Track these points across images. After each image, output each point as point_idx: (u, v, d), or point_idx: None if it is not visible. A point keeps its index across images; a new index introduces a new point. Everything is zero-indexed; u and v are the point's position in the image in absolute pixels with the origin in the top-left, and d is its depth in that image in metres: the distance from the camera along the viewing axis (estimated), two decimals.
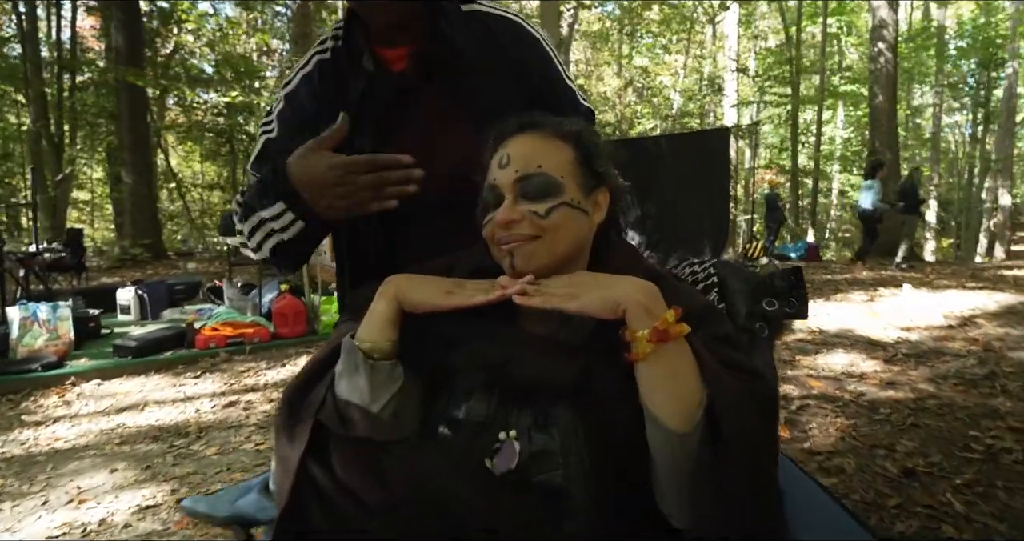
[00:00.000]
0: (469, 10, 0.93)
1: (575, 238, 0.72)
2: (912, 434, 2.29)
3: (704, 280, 0.81)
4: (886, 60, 11.25)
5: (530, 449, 0.64)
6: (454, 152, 0.85)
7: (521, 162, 0.70)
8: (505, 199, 0.70)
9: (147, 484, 2.12)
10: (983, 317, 4.31)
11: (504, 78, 0.91)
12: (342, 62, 0.93)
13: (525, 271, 0.69)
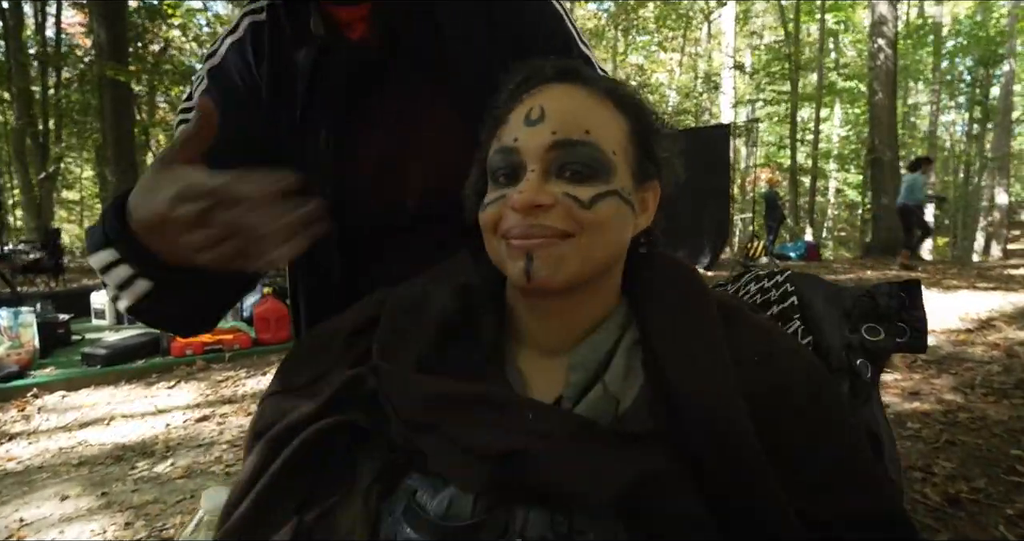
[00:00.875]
0: None
1: (617, 245, 0.51)
2: (948, 453, 2.08)
3: (780, 301, 0.59)
4: (886, 57, 11.10)
5: None
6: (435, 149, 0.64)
7: (561, 120, 0.48)
8: (529, 171, 0.48)
9: (99, 515, 1.89)
10: (1001, 320, 4.12)
11: (501, 51, 0.67)
12: (282, 26, 0.70)
13: (548, 285, 0.46)
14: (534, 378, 0.52)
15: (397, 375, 0.50)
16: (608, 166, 0.48)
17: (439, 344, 0.52)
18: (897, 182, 9.74)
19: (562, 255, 0.46)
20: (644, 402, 0.47)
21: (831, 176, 20.14)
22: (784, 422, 0.44)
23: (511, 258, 0.48)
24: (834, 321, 0.56)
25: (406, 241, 0.70)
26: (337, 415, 0.49)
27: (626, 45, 20.36)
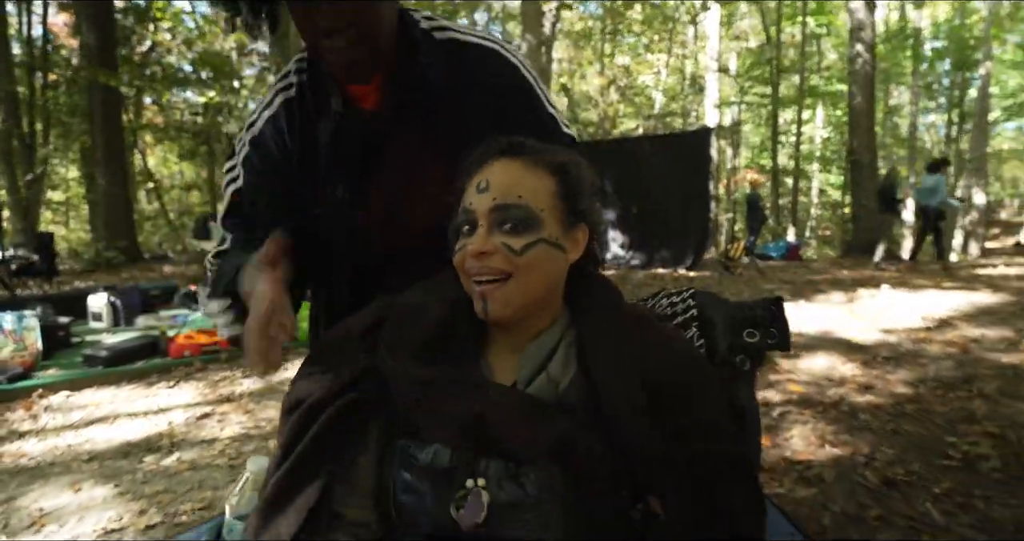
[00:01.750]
0: (443, 38, 0.87)
1: (550, 278, 0.68)
2: (892, 441, 2.29)
3: (683, 312, 0.78)
4: (864, 61, 11.40)
5: (499, 500, 0.60)
6: (432, 196, 0.80)
7: (500, 189, 0.66)
8: (479, 227, 0.66)
9: (114, 504, 2.04)
10: (960, 318, 4.36)
11: (482, 111, 0.85)
12: (308, 101, 0.87)
13: (499, 318, 0.65)
14: (499, 367, 0.70)
15: (399, 366, 0.68)
16: (537, 221, 0.66)
17: (432, 342, 0.70)
18: (875, 183, 10.04)
19: (507, 296, 0.65)
20: (576, 383, 0.65)
21: (814, 177, 20.50)
22: (672, 394, 0.63)
23: (475, 298, 0.67)
24: (723, 328, 0.74)
25: (403, 269, 0.87)
26: (353, 394, 0.67)
27: (613, 47, 20.58)
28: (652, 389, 0.62)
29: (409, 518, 0.64)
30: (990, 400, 2.68)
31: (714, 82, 14.37)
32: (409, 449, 0.65)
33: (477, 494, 0.61)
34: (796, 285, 6.51)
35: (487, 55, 0.87)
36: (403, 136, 0.86)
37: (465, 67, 0.86)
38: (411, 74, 0.83)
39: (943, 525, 1.69)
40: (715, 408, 0.65)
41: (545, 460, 0.59)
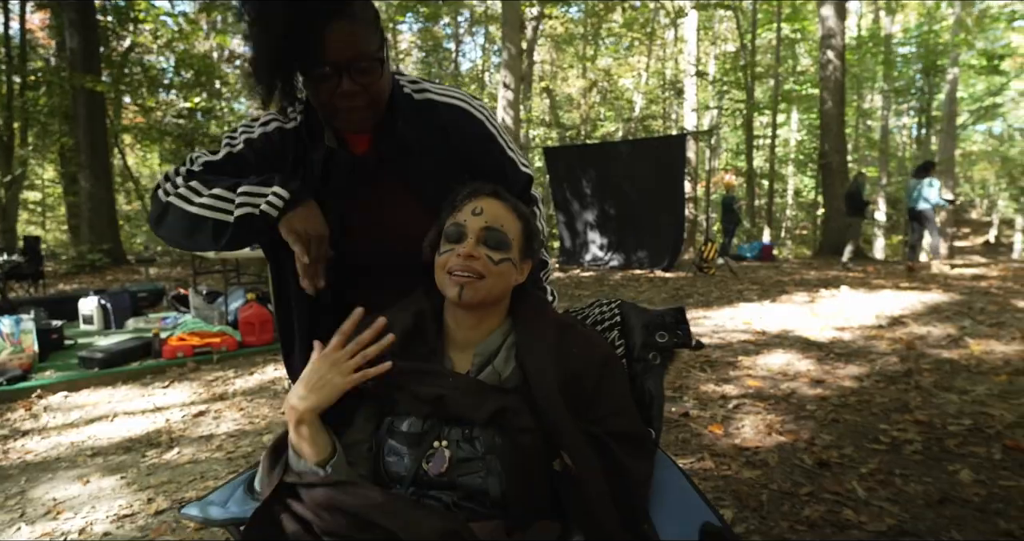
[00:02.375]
0: (422, 98, 1.07)
1: (506, 287, 0.92)
2: (831, 429, 2.55)
3: (609, 319, 1.00)
4: (835, 68, 11.79)
5: (457, 456, 0.81)
6: (401, 227, 1.02)
7: (491, 217, 0.91)
8: (468, 238, 0.89)
9: (122, 494, 2.21)
10: (910, 317, 4.67)
11: (450, 159, 1.06)
12: (303, 136, 1.06)
13: (470, 302, 0.88)
14: (457, 361, 0.92)
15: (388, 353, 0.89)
16: (509, 245, 0.90)
17: (406, 344, 0.92)
18: (845, 186, 10.41)
19: (477, 289, 0.87)
20: (515, 374, 0.87)
21: (789, 178, 20.98)
22: (589, 382, 0.85)
23: (451, 286, 0.88)
24: (639, 331, 0.96)
25: (377, 282, 1.08)
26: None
27: (594, 50, 20.88)
28: (572, 378, 0.84)
29: (393, 476, 0.85)
30: (925, 392, 2.96)
31: (692, 86, 14.72)
32: (393, 423, 0.87)
33: (441, 452, 0.82)
34: (764, 286, 6.81)
35: (456, 112, 1.08)
36: (383, 176, 1.07)
37: (439, 125, 1.06)
38: (394, 130, 1.04)
39: (864, 499, 1.94)
40: (621, 395, 0.88)
41: (488, 427, 0.81)
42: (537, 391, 0.82)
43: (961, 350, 3.70)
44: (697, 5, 13.75)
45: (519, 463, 0.80)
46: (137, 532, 1.91)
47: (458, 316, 0.93)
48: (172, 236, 1.04)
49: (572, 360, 0.86)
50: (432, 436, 0.84)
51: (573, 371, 0.85)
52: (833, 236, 11.77)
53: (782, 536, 1.74)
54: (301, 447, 0.83)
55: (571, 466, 0.78)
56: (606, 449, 0.80)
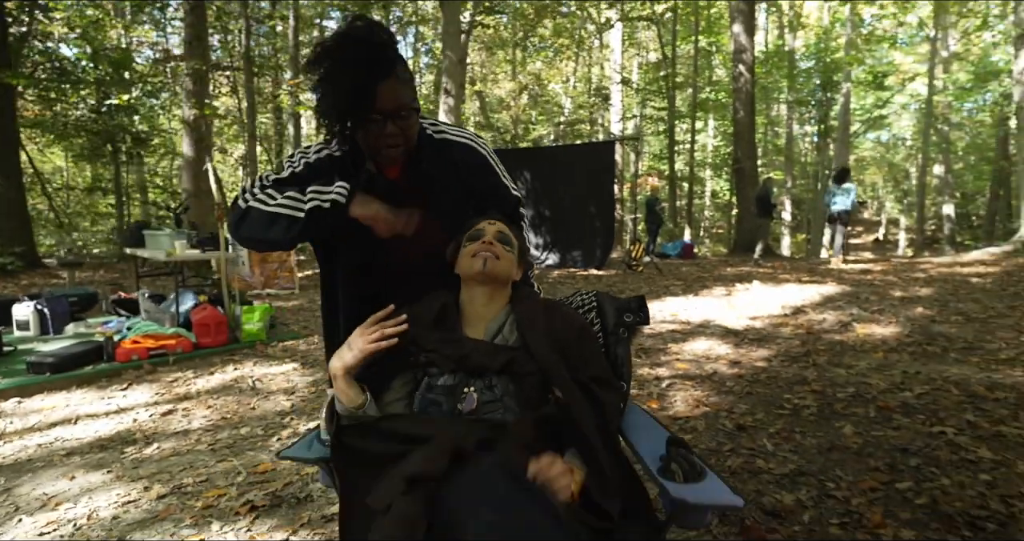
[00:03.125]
0: (440, 138, 1.37)
1: (510, 273, 1.27)
2: (747, 400, 3.03)
3: (588, 304, 1.34)
4: (745, 80, 12.85)
5: (482, 399, 1.12)
6: (423, 236, 1.31)
7: (501, 228, 1.28)
8: (487, 236, 1.25)
9: (115, 485, 2.33)
10: (810, 307, 5.37)
11: (459, 189, 1.36)
12: (348, 164, 1.34)
13: (490, 272, 1.22)
14: (472, 334, 1.23)
15: (422, 332, 1.19)
16: (513, 246, 1.25)
17: (434, 322, 1.22)
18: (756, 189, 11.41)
19: (495, 264, 1.21)
20: (517, 340, 1.19)
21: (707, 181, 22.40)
22: (571, 343, 1.18)
23: (477, 262, 1.21)
24: (611, 313, 1.31)
25: (408, 280, 1.36)
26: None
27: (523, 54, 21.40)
28: (559, 340, 1.17)
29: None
30: (820, 368, 3.53)
31: (618, 94, 15.49)
32: (430, 380, 1.16)
33: (471, 395, 1.13)
34: (687, 281, 7.45)
35: (465, 149, 1.39)
36: (409, 199, 1.36)
37: (452, 157, 1.37)
38: (419, 163, 1.33)
39: (772, 451, 2.40)
40: (594, 353, 1.22)
41: (502, 374, 1.13)
42: (535, 347, 1.15)
43: (849, 333, 4.36)
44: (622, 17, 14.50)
45: (527, 399, 1.12)
46: (146, 514, 2.07)
47: (475, 295, 1.25)
48: (252, 234, 1.27)
49: (558, 329, 1.20)
50: (462, 386, 1.14)
51: (559, 336, 1.18)
52: (746, 235, 12.82)
53: None
54: (340, 397, 1.14)
55: (560, 398, 1.10)
56: (586, 387, 1.13)
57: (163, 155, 14.57)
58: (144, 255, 4.75)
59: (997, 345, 3.83)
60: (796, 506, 1.96)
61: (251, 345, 4.47)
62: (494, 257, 1.21)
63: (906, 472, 2.16)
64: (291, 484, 2.23)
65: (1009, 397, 2.84)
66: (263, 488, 2.20)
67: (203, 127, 8.35)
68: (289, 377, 3.79)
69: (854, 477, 2.14)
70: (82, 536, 1.94)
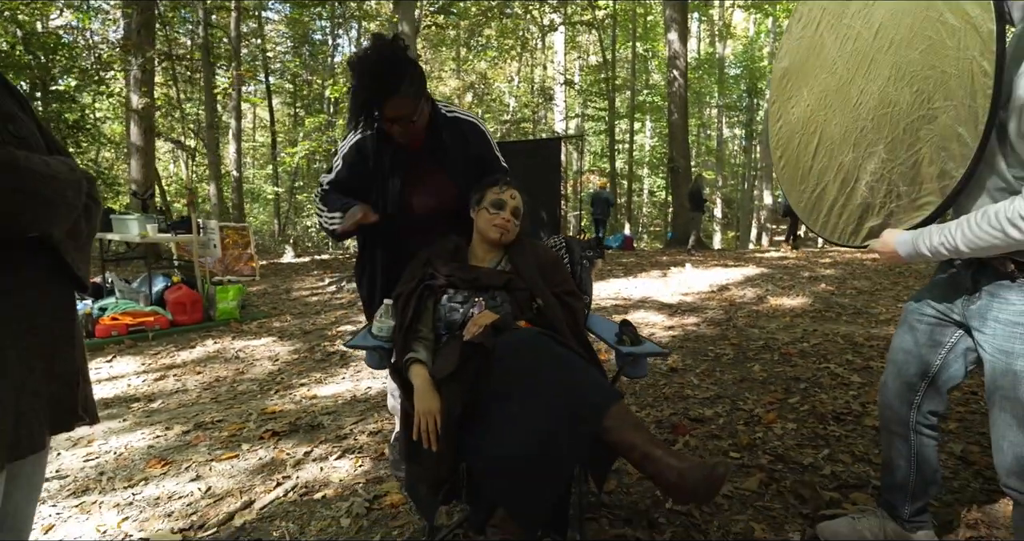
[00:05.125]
0: (451, 116, 1.80)
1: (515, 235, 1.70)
2: (679, 352, 3.61)
3: (558, 245, 1.83)
4: (679, 85, 13.76)
5: (488, 305, 1.58)
6: (440, 192, 1.76)
7: (518, 201, 1.68)
8: (506, 210, 1.65)
9: (137, 428, 2.62)
10: (732, 285, 6.10)
11: (467, 156, 1.79)
12: (376, 141, 1.77)
13: (506, 241, 1.65)
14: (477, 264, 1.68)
15: (442, 263, 1.64)
16: (521, 216, 1.68)
17: (450, 255, 1.67)
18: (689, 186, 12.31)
19: (508, 237, 1.65)
20: (511, 270, 1.65)
21: (645, 179, 23.54)
22: (548, 269, 1.65)
23: (496, 231, 1.64)
24: (576, 251, 1.80)
25: (425, 227, 1.80)
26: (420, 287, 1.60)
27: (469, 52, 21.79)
28: (541, 266, 1.64)
29: (451, 326, 1.59)
30: (739, 330, 4.17)
31: (561, 94, 16.16)
32: (451, 294, 1.61)
33: (480, 304, 1.58)
34: (628, 267, 8.12)
35: (471, 125, 1.83)
36: (428, 162, 1.80)
37: (461, 133, 1.81)
38: (437, 138, 1.77)
39: (697, 384, 2.97)
40: (565, 277, 1.69)
41: (502, 289, 1.59)
42: (524, 272, 1.62)
43: (764, 304, 5.06)
44: (565, 21, 15.16)
45: (518, 305, 1.59)
46: (179, 442, 2.39)
47: (486, 246, 1.69)
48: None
49: (540, 260, 1.67)
50: (472, 297, 1.59)
51: (540, 264, 1.66)
52: (679, 230, 13.76)
53: (650, 404, 2.69)
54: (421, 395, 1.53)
55: (541, 304, 1.58)
56: (559, 297, 1.61)
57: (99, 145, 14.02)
58: (115, 238, 4.88)
59: (879, 310, 4.60)
60: (714, 416, 2.51)
61: (226, 323, 4.70)
62: (508, 231, 1.63)
63: (796, 392, 2.78)
64: (302, 417, 2.61)
65: (880, 344, 3.55)
66: (278, 421, 2.57)
67: (152, 116, 8.31)
68: (270, 348, 4.09)
69: (758, 397, 2.73)
70: (125, 459, 2.25)
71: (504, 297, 1.59)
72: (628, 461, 1.26)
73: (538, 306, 1.61)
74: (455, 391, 1.37)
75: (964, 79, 1.12)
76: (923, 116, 1.22)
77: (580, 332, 1.60)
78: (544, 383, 1.32)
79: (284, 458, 2.18)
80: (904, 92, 1.26)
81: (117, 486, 2.02)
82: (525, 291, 1.61)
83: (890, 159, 1.31)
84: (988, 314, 1.18)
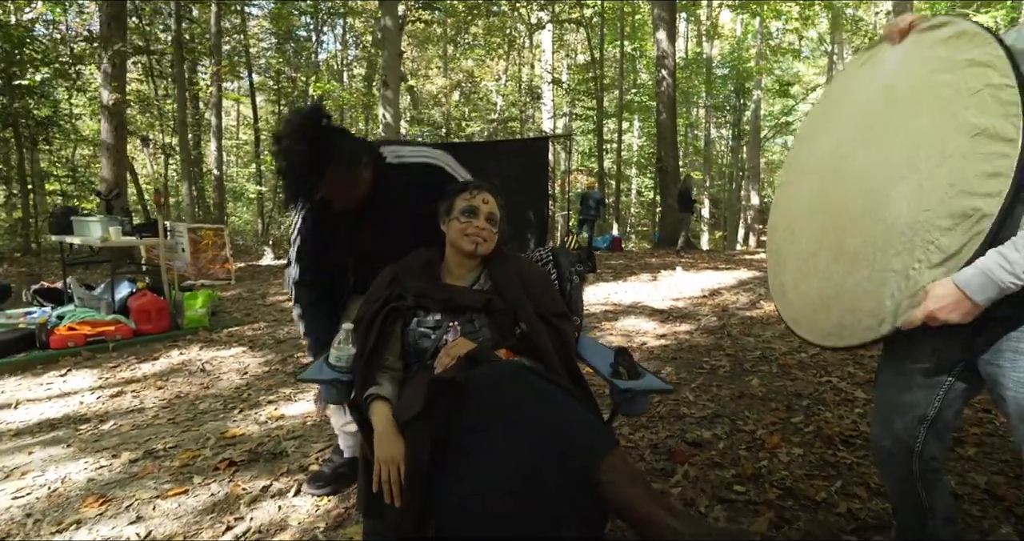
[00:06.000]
0: (397, 162, 1.63)
1: (494, 246, 1.49)
2: (672, 364, 3.42)
3: (545, 258, 1.63)
4: (668, 85, 13.62)
5: (464, 331, 1.37)
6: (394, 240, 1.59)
7: (492, 206, 1.47)
8: (480, 217, 1.45)
9: (81, 455, 2.37)
10: (725, 289, 5.94)
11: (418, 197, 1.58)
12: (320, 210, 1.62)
13: (482, 253, 1.45)
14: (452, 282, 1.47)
15: (410, 281, 1.43)
16: (498, 223, 1.47)
17: (420, 275, 1.46)
18: (678, 187, 12.16)
19: (485, 246, 1.44)
20: (491, 288, 1.45)
21: (632, 179, 23.43)
22: (536, 287, 1.45)
23: (469, 243, 1.43)
24: (565, 265, 1.59)
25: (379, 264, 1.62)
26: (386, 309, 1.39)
27: (456, 51, 21.52)
28: (525, 283, 1.44)
29: (421, 354, 1.38)
30: (733, 338, 4.00)
31: (549, 93, 15.96)
32: (420, 318, 1.40)
33: (455, 328, 1.37)
34: (617, 269, 7.94)
35: (423, 167, 1.65)
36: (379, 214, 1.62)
37: (411, 178, 1.62)
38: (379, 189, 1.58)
39: (693, 400, 2.78)
40: (553, 296, 1.50)
41: (481, 311, 1.38)
42: (506, 290, 1.41)
43: (758, 310, 4.90)
44: (553, 19, 14.97)
45: (499, 330, 1.38)
46: (123, 475, 2.15)
47: (460, 260, 1.48)
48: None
49: (523, 275, 1.47)
50: (446, 321, 1.38)
51: (524, 281, 1.45)
52: (667, 230, 13.62)
53: (644, 424, 2.49)
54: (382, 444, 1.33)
55: (525, 329, 1.38)
56: (547, 320, 1.40)
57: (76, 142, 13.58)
58: (75, 242, 4.59)
59: None
60: (713, 438, 2.32)
61: (194, 331, 4.44)
62: (484, 241, 1.42)
63: (799, 410, 2.60)
64: (264, 443, 2.38)
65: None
66: (238, 448, 2.33)
67: (123, 112, 7.99)
68: (239, 359, 3.84)
69: (759, 416, 2.54)
70: (59, 497, 2.01)
71: (483, 321, 1.39)
72: (624, 521, 1.07)
73: (522, 331, 1.41)
74: (422, 434, 1.15)
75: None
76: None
77: (570, 360, 1.39)
78: (527, 419, 1.11)
79: (239, 494, 1.96)
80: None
81: (44, 532, 1.78)
82: (507, 313, 1.40)
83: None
84: (1003, 344, 1.01)
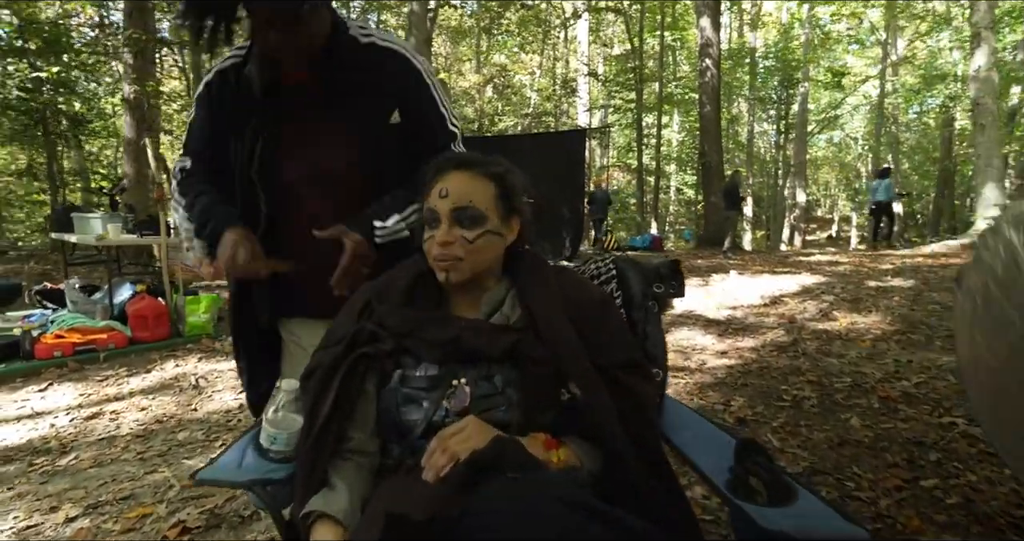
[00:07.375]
0: (367, 42, 1.10)
1: (491, 256, 0.93)
2: (742, 392, 2.82)
3: (606, 273, 1.06)
4: (712, 75, 12.83)
5: (477, 393, 0.83)
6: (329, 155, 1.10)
7: (456, 196, 0.89)
8: (442, 223, 0.89)
9: (14, 506, 1.94)
10: (788, 296, 5.25)
11: (383, 101, 1.10)
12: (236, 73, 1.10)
13: (459, 282, 0.90)
14: (465, 312, 0.93)
15: (390, 307, 0.89)
16: (483, 217, 0.89)
17: (408, 293, 0.93)
18: (721, 183, 11.41)
19: (461, 270, 0.88)
20: (522, 318, 0.89)
21: (672, 176, 22.55)
22: (591, 320, 0.89)
23: (438, 272, 0.90)
24: (636, 282, 1.03)
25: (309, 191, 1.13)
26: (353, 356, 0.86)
27: (489, 44, 21.05)
28: (575, 316, 0.88)
29: (405, 429, 0.84)
30: (811, 357, 3.36)
31: (585, 86, 15.32)
32: (406, 371, 0.87)
33: (462, 389, 0.83)
34: None
35: (396, 59, 1.11)
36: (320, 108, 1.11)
37: (378, 67, 1.10)
38: (333, 67, 1.07)
39: (779, 447, 2.18)
40: (620, 330, 0.93)
41: (504, 362, 0.84)
42: (545, 327, 0.86)
43: (831, 322, 4.23)
44: (589, 8, 14.32)
45: (533, 393, 0.83)
46: (54, 535, 1.69)
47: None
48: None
49: (572, 301, 0.91)
50: (450, 377, 0.84)
51: (575, 310, 0.89)
52: (712, 228, 12.84)
53: None
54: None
55: (577, 395, 0.82)
56: (612, 376, 0.85)
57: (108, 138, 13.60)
58: (72, 240, 4.24)
59: None
60: None
61: (196, 339, 4.03)
62: (456, 261, 0.88)
63: (928, 468, 1.97)
64: (234, 499, 1.89)
65: None
66: (199, 504, 1.85)
67: (145, 105, 7.73)
68: None
69: (874, 475, 1.93)
70: None
71: (507, 376, 0.84)
72: None
73: (571, 395, 0.86)
74: None
75: None
76: None
77: (654, 447, 0.84)
78: None
79: None
80: None
81: None
82: (548, 366, 0.85)
83: None
84: None
